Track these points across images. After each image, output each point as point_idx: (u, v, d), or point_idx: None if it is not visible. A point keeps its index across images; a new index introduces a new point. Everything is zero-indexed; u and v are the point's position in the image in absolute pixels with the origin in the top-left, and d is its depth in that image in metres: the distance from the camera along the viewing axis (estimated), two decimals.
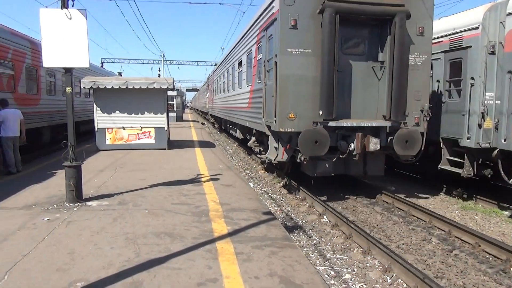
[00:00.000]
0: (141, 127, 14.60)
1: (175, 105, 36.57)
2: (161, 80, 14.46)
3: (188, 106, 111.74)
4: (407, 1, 8.96)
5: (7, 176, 10.05)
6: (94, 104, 14.39)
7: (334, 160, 9.14)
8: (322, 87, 8.67)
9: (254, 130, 12.71)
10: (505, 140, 8.92)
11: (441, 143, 10.44)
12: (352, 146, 9.01)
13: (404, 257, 6.38)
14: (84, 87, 14.26)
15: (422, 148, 9.11)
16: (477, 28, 9.18)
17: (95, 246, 5.26)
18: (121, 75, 37.88)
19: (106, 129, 14.51)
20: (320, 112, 8.75)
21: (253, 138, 13.14)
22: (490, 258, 6.55)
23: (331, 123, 8.80)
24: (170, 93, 19.32)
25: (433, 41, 10.47)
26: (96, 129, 14.52)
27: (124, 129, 14.56)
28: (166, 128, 14.88)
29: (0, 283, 4.23)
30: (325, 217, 8.62)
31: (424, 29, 9.26)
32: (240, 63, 14.60)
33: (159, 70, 52.01)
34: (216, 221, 6.31)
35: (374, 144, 9.03)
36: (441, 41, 10.38)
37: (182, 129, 26.43)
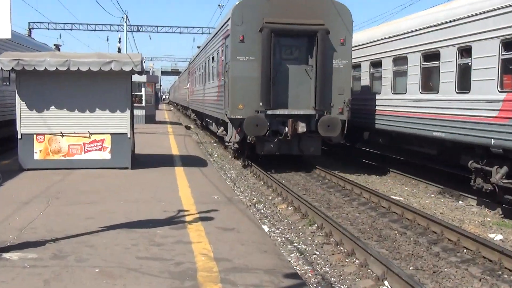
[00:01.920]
0: (90, 133, 10.90)
1: (143, 98, 30.13)
2: (122, 58, 10.90)
3: (164, 99, 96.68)
4: (327, 21, 12.34)
5: None
6: (17, 96, 10.67)
7: (276, 141, 12.59)
8: (261, 85, 12.26)
9: (220, 120, 16.01)
10: None
11: None
12: (286, 129, 12.32)
13: None
14: (1, 69, 10.49)
15: (345, 131, 12.59)
16: None
17: None
18: (59, 50, 30.77)
19: (35, 135, 10.68)
20: (261, 104, 12.32)
21: (222, 128, 16.38)
22: None
23: (268, 112, 12.34)
24: (136, 78, 16.06)
25: None
26: (19, 136, 10.73)
27: (63, 136, 10.81)
28: (129, 135, 11.26)
29: None
30: (386, 283, 6.09)
31: (345, 41, 12.70)
32: (213, 58, 17.53)
33: (120, 42, 38.57)
34: None
35: (301, 127, 12.36)
36: None
37: (154, 136, 21.26)
